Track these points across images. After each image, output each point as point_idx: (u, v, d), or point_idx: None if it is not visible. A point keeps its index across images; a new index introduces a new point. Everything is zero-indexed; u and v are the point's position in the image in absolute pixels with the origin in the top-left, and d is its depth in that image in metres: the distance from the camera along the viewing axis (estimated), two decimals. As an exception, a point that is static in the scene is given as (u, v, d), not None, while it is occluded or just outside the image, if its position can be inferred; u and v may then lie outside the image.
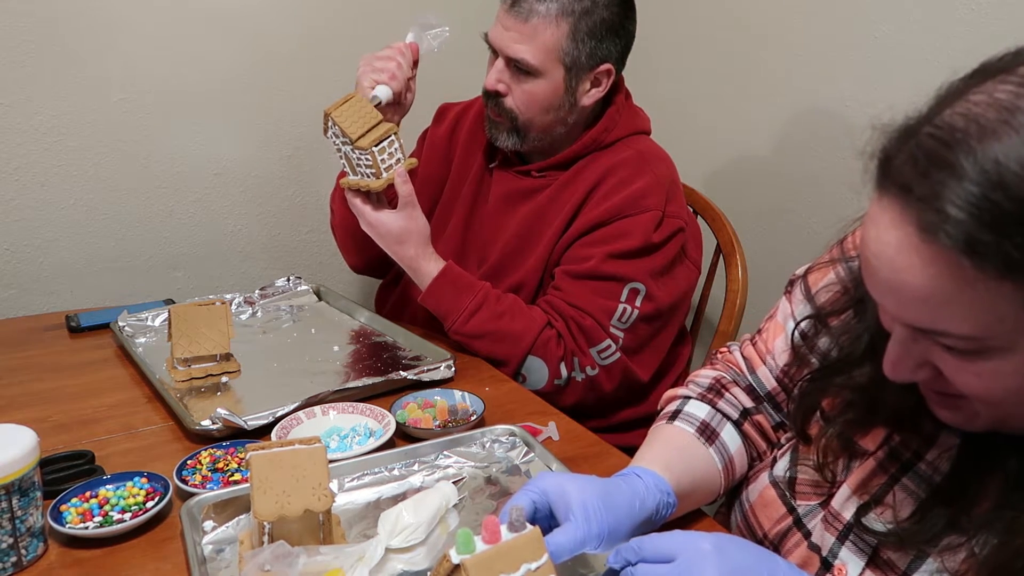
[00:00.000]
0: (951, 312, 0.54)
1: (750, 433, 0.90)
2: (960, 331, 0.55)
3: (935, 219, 0.52)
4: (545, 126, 1.35)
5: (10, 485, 0.76)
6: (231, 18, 1.75)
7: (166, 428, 1.07)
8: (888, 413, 0.72)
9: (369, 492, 0.90)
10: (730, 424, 0.89)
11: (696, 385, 0.93)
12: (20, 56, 1.58)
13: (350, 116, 1.22)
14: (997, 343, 0.55)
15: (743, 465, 0.89)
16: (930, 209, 0.52)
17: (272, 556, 0.71)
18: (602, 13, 1.28)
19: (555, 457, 0.94)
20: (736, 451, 0.88)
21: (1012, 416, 0.61)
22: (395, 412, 1.06)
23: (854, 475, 0.74)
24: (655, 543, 0.65)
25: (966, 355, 0.57)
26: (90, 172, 1.69)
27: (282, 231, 1.94)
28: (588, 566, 0.78)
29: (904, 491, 0.70)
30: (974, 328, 0.54)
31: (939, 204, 0.52)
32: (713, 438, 0.87)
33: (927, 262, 0.54)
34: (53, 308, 1.69)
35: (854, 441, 0.74)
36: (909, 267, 0.55)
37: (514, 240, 1.38)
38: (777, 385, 0.89)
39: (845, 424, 0.74)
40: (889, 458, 0.72)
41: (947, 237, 0.52)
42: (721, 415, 0.89)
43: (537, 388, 1.26)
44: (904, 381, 0.62)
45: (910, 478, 0.70)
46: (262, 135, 1.85)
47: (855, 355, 0.74)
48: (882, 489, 0.71)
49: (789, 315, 0.88)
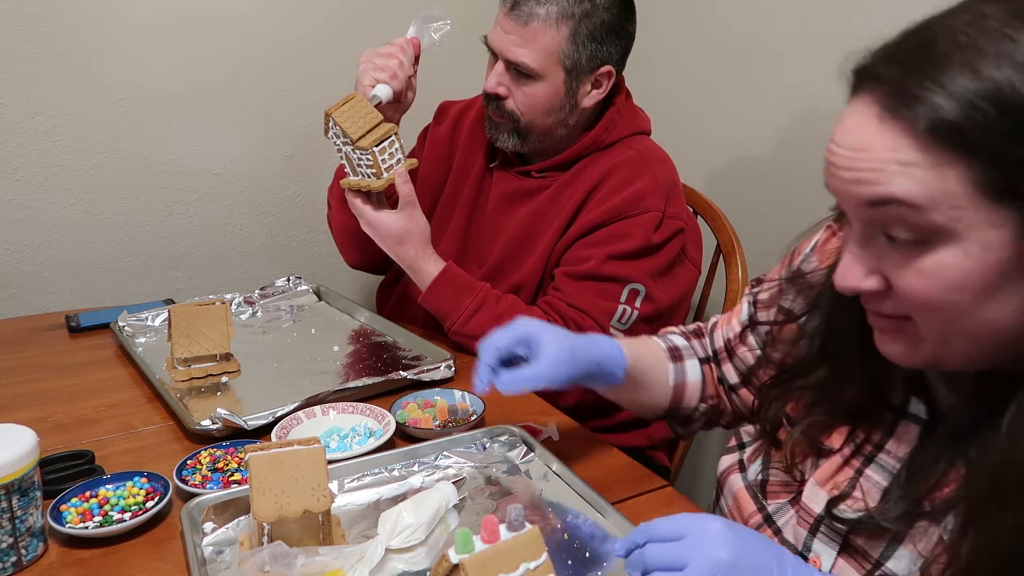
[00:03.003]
0: (905, 178, 0.56)
1: (708, 375, 1.00)
2: (910, 196, 0.56)
3: (902, 98, 0.56)
4: (546, 128, 1.35)
5: (10, 485, 0.76)
6: (231, 18, 1.75)
7: (166, 428, 1.07)
8: (849, 409, 0.74)
9: (369, 493, 0.90)
10: (696, 360, 1.01)
11: (684, 326, 1.07)
12: (20, 56, 1.58)
13: (351, 116, 1.23)
14: (942, 225, 0.56)
15: (693, 397, 1.00)
16: (898, 90, 0.56)
17: (270, 556, 0.71)
18: (602, 15, 1.28)
19: (555, 457, 0.94)
20: (692, 381, 0.99)
21: (950, 339, 0.61)
22: (395, 412, 1.06)
23: (820, 470, 0.76)
24: (664, 524, 0.65)
25: (912, 247, 0.58)
26: (90, 172, 1.69)
27: (282, 231, 1.94)
28: (589, 566, 0.78)
29: (869, 482, 0.72)
30: (923, 196, 0.55)
31: (908, 86, 0.56)
32: (677, 359, 1.00)
33: (888, 134, 0.57)
34: (53, 308, 1.69)
35: (819, 441, 0.77)
36: (867, 144, 0.58)
37: (514, 241, 1.38)
38: (722, 346, 0.99)
39: (809, 426, 0.77)
40: (854, 453, 0.74)
41: (911, 113, 0.55)
42: (692, 350, 1.01)
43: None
44: (853, 291, 0.63)
45: (873, 469, 0.72)
46: (262, 135, 1.85)
47: (810, 358, 0.77)
48: (849, 483, 0.73)
49: (747, 296, 0.97)
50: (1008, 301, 0.58)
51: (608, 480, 0.94)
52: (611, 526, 0.83)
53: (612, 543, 0.80)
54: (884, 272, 0.61)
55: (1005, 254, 0.56)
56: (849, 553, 0.72)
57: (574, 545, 0.81)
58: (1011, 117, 0.53)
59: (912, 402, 0.72)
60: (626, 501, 0.90)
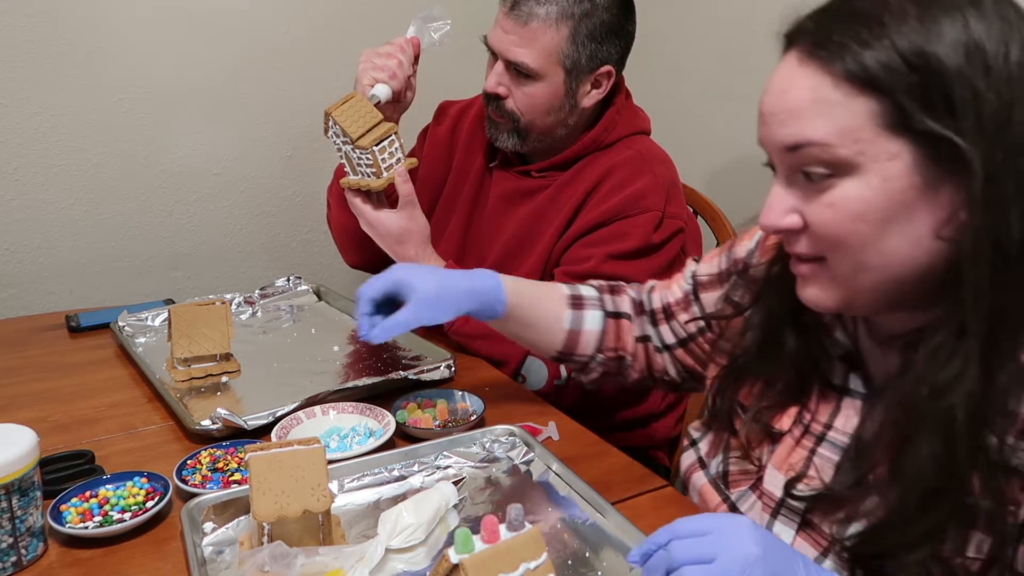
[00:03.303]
0: (819, 118, 0.64)
1: (611, 329, 1.06)
2: (822, 137, 0.64)
3: (822, 44, 0.64)
4: (546, 128, 1.35)
5: (10, 485, 0.76)
6: (231, 18, 1.75)
7: (166, 428, 1.07)
8: (793, 392, 0.80)
9: (369, 493, 0.90)
10: (601, 312, 1.06)
11: (603, 279, 1.12)
12: (20, 56, 1.58)
13: (351, 116, 1.23)
14: (848, 159, 0.63)
15: (588, 345, 1.06)
16: (819, 39, 0.64)
17: (270, 556, 0.71)
18: (602, 15, 1.28)
19: (555, 457, 0.94)
20: (589, 329, 1.05)
21: (858, 276, 0.67)
22: (395, 412, 1.06)
23: (776, 454, 0.80)
24: (688, 522, 0.64)
25: (823, 181, 0.65)
26: (90, 172, 1.69)
27: (282, 231, 1.94)
28: (589, 566, 0.78)
29: (822, 459, 0.77)
30: (833, 133, 0.63)
31: (828, 35, 0.64)
32: (578, 307, 1.06)
33: (807, 75, 0.65)
34: (53, 308, 1.69)
35: (770, 425, 0.82)
36: (789, 86, 0.66)
37: (513, 240, 1.38)
38: (660, 307, 1.05)
39: (759, 411, 0.82)
40: (804, 434, 0.79)
41: (829, 56, 0.63)
42: (599, 303, 1.07)
43: (537, 388, 1.26)
44: (775, 228, 0.70)
45: (825, 447, 0.77)
46: (262, 135, 1.85)
47: (755, 348, 0.83)
48: (804, 463, 0.78)
49: (688, 268, 1.04)
50: (905, 233, 0.64)
51: (608, 480, 0.94)
52: (611, 526, 0.83)
53: (612, 543, 0.80)
54: (800, 211, 0.68)
55: (901, 185, 0.63)
56: (806, 531, 0.76)
57: (574, 545, 0.81)
58: (917, 72, 0.61)
59: (851, 379, 0.78)
60: (626, 501, 0.90)
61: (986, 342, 0.63)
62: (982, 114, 0.60)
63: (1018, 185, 0.61)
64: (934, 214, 0.63)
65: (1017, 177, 0.61)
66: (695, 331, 1.01)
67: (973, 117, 0.60)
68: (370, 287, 0.98)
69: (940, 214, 0.63)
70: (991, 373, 0.63)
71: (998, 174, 0.61)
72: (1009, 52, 0.61)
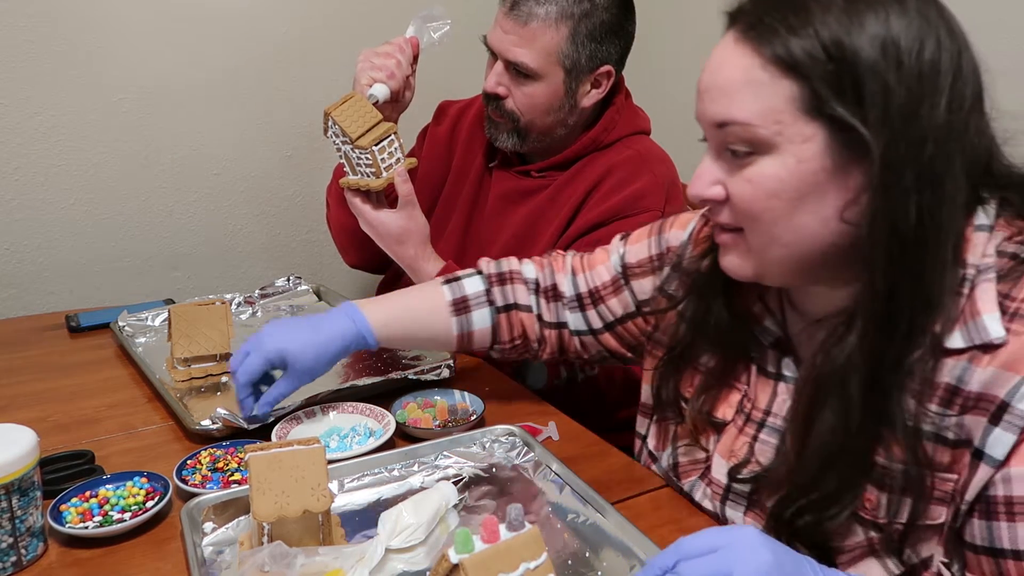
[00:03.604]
0: (745, 99, 0.68)
1: (503, 323, 1.07)
2: (745, 117, 0.67)
3: (756, 27, 0.67)
4: (546, 127, 1.35)
5: (10, 485, 0.76)
6: (231, 18, 1.75)
7: (166, 428, 1.07)
8: (729, 380, 0.85)
9: (369, 492, 0.90)
10: (490, 308, 1.07)
11: (496, 265, 1.10)
12: (20, 56, 1.58)
13: (350, 115, 1.23)
14: (767, 138, 0.67)
15: (482, 342, 1.08)
16: (755, 21, 0.68)
17: (270, 556, 0.71)
18: (602, 15, 1.28)
19: (555, 457, 0.94)
20: (480, 330, 1.07)
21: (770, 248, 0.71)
22: (395, 412, 1.06)
23: (721, 443, 0.85)
24: (693, 540, 0.62)
25: (745, 158, 0.69)
26: (90, 172, 1.69)
27: (282, 231, 1.94)
28: (589, 566, 0.78)
29: (763, 445, 0.81)
30: (756, 114, 0.67)
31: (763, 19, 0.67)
32: (462, 312, 1.06)
33: (740, 54, 0.68)
34: (53, 308, 1.69)
35: (712, 414, 0.86)
36: (723, 63, 0.70)
37: (513, 240, 1.38)
38: (587, 292, 1.05)
39: (703, 401, 0.86)
40: (746, 422, 0.83)
41: (761, 39, 0.67)
42: (487, 298, 1.07)
43: (537, 388, 1.26)
44: (701, 197, 0.74)
45: (766, 433, 0.82)
46: (262, 135, 1.85)
47: (689, 339, 0.87)
48: (748, 450, 0.82)
49: (615, 251, 1.04)
50: (815, 212, 0.68)
51: (608, 480, 0.94)
52: (611, 526, 0.83)
53: (611, 543, 0.80)
54: (724, 183, 0.72)
55: (813, 166, 0.67)
56: (754, 510, 0.82)
57: (574, 545, 0.81)
58: (834, 61, 0.64)
59: (784, 364, 0.82)
60: (626, 501, 0.90)
61: (883, 319, 0.67)
62: (889, 106, 0.63)
63: (918, 176, 0.64)
64: (841, 196, 0.67)
65: (918, 168, 0.64)
66: (623, 315, 1.03)
67: (880, 108, 0.64)
68: (245, 372, 0.98)
69: (846, 196, 0.67)
70: (886, 348, 0.67)
71: (899, 164, 0.64)
72: (924, 49, 0.64)
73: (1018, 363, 0.64)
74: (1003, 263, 0.68)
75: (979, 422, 0.65)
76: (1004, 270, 0.67)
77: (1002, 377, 0.64)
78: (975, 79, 0.67)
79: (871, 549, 0.72)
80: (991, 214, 0.69)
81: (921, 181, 0.64)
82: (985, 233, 0.68)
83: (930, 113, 0.64)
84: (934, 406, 0.68)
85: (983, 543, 0.66)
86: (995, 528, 0.65)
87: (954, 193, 0.65)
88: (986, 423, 0.65)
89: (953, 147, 0.65)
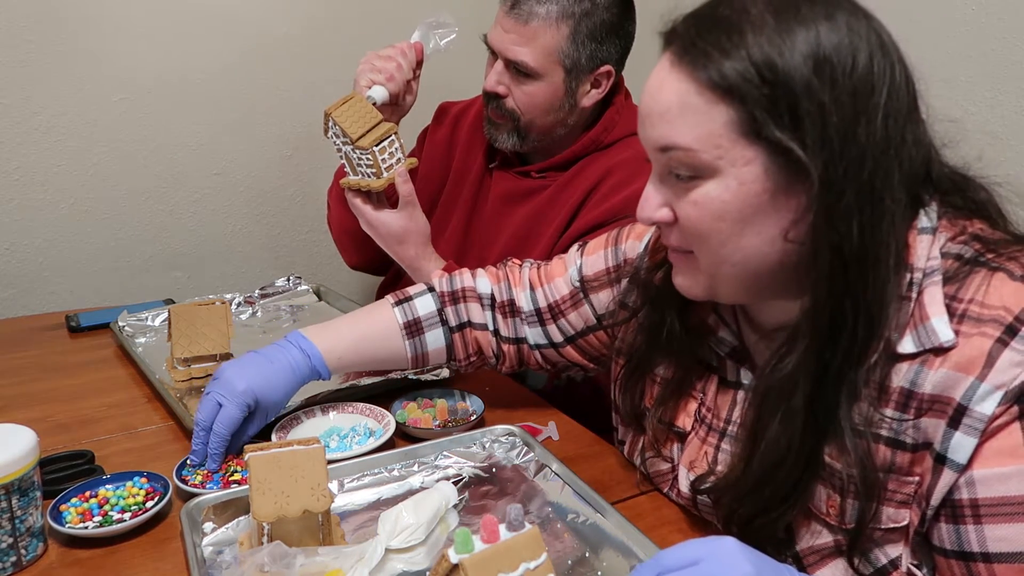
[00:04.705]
0: (683, 125, 0.67)
1: (458, 342, 1.07)
2: (686, 143, 0.67)
3: (690, 52, 0.67)
4: (546, 127, 1.35)
5: (10, 485, 0.76)
6: (231, 18, 1.75)
7: (166, 428, 1.07)
8: (689, 391, 0.86)
9: (369, 493, 0.90)
10: (443, 328, 1.06)
11: (448, 282, 1.08)
12: (20, 55, 1.58)
13: (351, 116, 1.23)
14: (709, 163, 0.67)
15: (439, 358, 1.07)
16: (690, 45, 0.68)
17: (270, 556, 0.71)
18: (602, 15, 1.28)
19: (555, 457, 0.94)
20: (434, 350, 1.06)
21: (720, 267, 0.72)
22: (395, 412, 1.06)
23: (685, 454, 0.86)
24: (673, 553, 0.62)
25: (689, 181, 0.69)
26: (90, 172, 1.69)
27: (282, 231, 1.94)
28: (588, 566, 0.78)
29: (725, 454, 0.82)
30: (695, 139, 0.67)
31: (697, 43, 0.67)
32: (415, 334, 1.05)
33: (676, 79, 0.68)
34: (53, 308, 1.69)
35: (673, 424, 0.87)
36: (660, 88, 0.69)
37: (513, 240, 1.38)
38: (546, 307, 1.04)
39: (662, 412, 0.87)
40: (708, 432, 0.84)
41: (696, 64, 0.66)
42: (439, 319, 1.06)
43: (537, 388, 1.26)
44: (649, 220, 0.74)
45: (727, 442, 0.82)
46: (262, 135, 1.85)
47: (647, 350, 0.88)
48: (711, 459, 0.83)
49: (573, 263, 1.03)
50: (760, 232, 0.68)
51: (608, 480, 0.94)
52: (611, 526, 0.83)
53: (611, 543, 0.80)
54: (671, 206, 0.73)
55: (755, 188, 0.67)
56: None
57: (574, 545, 0.81)
58: (768, 84, 0.64)
59: (742, 373, 0.82)
60: (626, 501, 0.90)
61: (827, 333, 0.67)
62: (826, 127, 0.63)
63: (858, 193, 0.64)
64: (785, 217, 0.67)
65: (857, 186, 0.64)
66: (583, 328, 1.02)
67: (817, 130, 0.63)
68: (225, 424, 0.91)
69: (790, 216, 0.67)
70: (829, 361, 0.68)
71: (838, 184, 0.64)
72: (856, 65, 0.64)
73: (969, 364, 0.64)
74: (948, 264, 0.68)
75: (937, 424, 0.66)
76: (950, 272, 0.68)
77: (954, 379, 0.64)
78: (909, 89, 0.67)
79: (839, 551, 0.73)
80: (933, 216, 0.70)
81: (861, 199, 0.64)
82: (929, 236, 0.69)
83: (867, 130, 0.64)
84: (889, 410, 0.68)
85: (952, 547, 0.66)
86: (963, 532, 0.65)
87: (894, 207, 0.66)
88: (945, 427, 0.65)
89: (891, 161, 0.65)
